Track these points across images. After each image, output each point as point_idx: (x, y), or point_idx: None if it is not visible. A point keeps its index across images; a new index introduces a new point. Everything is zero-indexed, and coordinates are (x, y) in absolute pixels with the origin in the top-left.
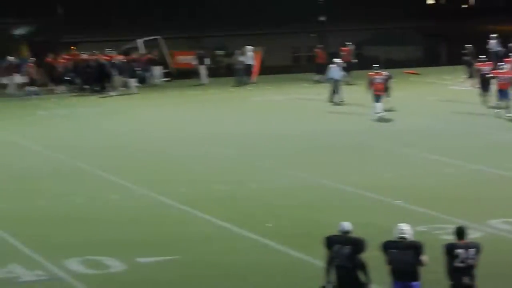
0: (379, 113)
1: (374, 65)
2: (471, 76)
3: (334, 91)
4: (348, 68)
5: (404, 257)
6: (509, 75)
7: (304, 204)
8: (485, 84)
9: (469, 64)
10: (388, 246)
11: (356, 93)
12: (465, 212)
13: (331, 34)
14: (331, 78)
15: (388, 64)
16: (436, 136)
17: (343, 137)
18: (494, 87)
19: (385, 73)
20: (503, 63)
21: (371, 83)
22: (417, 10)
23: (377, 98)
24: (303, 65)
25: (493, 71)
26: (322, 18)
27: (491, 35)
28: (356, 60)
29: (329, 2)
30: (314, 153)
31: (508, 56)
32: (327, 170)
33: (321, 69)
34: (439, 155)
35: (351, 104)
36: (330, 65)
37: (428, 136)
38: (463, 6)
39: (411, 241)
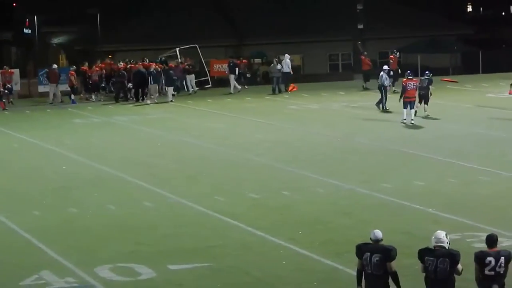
0: (405, 120)
1: (407, 72)
2: None
3: (384, 97)
4: (394, 75)
5: (440, 265)
6: None
7: (338, 211)
8: None
9: None
10: (425, 254)
11: (393, 101)
12: (498, 220)
13: (369, 42)
14: (382, 85)
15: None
16: (473, 143)
17: (378, 144)
18: None
19: (423, 77)
20: None
21: (404, 89)
22: (457, 17)
23: (407, 104)
24: (340, 73)
25: None
26: (360, 26)
27: None
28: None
29: (367, 9)
30: (348, 160)
31: None
32: (361, 177)
33: (367, 76)
34: (474, 163)
35: (391, 111)
36: (381, 72)
37: (465, 143)
38: (503, 13)
39: (448, 250)
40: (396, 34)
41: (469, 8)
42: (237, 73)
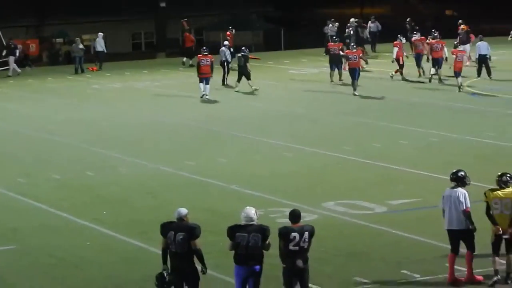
0: (204, 94)
1: (202, 48)
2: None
3: (226, 73)
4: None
5: (252, 240)
6: (359, 54)
7: (143, 191)
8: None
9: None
10: (236, 230)
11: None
12: (301, 195)
13: (173, 20)
14: (225, 61)
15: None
16: (276, 120)
17: (182, 122)
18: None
19: (239, 54)
20: (354, 44)
21: (198, 65)
22: None
23: (203, 80)
24: (142, 51)
25: (347, 51)
26: (162, 5)
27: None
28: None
29: None
30: (152, 139)
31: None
32: (165, 156)
33: (190, 52)
34: (277, 140)
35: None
36: (222, 48)
37: (268, 120)
38: None
39: (260, 225)
40: (199, 12)
41: None
42: (17, 54)
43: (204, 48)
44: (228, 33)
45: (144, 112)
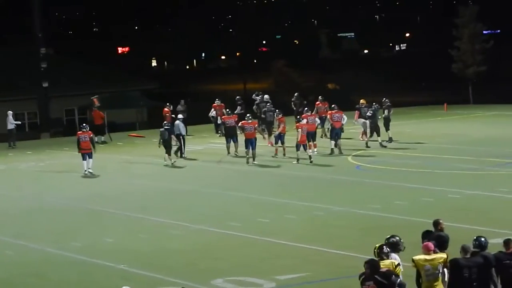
0: (88, 170)
1: (82, 126)
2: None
3: (183, 145)
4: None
5: None
6: (254, 125)
7: (28, 272)
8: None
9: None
10: None
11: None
12: (189, 273)
13: (54, 100)
14: (179, 134)
15: (112, 127)
16: (160, 197)
17: (66, 202)
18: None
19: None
20: (249, 115)
21: (78, 142)
22: (141, 73)
23: (86, 155)
24: (26, 132)
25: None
26: (45, 84)
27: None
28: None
29: (52, 69)
30: (36, 220)
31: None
32: (50, 237)
33: (101, 129)
34: (163, 217)
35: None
36: (177, 122)
37: (152, 198)
38: (187, 67)
39: None
40: (81, 91)
41: (154, 63)
42: None
43: (84, 124)
44: (165, 109)
45: (26, 193)
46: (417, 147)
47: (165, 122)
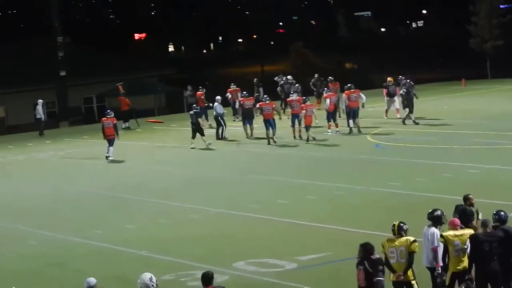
0: (108, 156)
1: (106, 111)
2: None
3: (224, 126)
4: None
5: None
6: (272, 105)
7: (51, 262)
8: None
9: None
10: None
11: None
12: (211, 257)
13: (73, 88)
14: (217, 115)
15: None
16: (181, 183)
17: (88, 191)
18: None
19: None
20: (266, 96)
21: (103, 128)
22: (159, 59)
23: (108, 142)
24: (44, 121)
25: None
26: (62, 73)
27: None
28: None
29: (68, 56)
30: (58, 210)
31: None
32: (72, 226)
33: (127, 115)
34: (183, 202)
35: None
36: (215, 103)
37: (173, 183)
38: (204, 52)
39: None
40: (99, 79)
41: (171, 48)
42: None
43: (108, 110)
44: (198, 92)
45: (47, 183)
46: (436, 123)
47: (194, 105)
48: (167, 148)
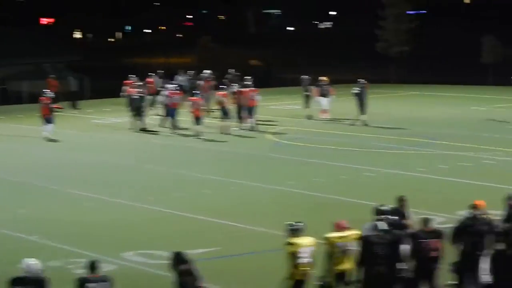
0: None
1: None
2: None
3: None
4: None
5: None
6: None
7: None
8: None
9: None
10: (15, 283)
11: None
12: (100, 245)
13: None
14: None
15: (34, 98)
16: (76, 169)
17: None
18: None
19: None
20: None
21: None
22: (64, 44)
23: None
24: None
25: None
26: None
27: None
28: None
29: None
30: None
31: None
32: None
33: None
34: (78, 189)
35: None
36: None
37: (69, 170)
38: (110, 40)
39: (37, 276)
40: (1, 61)
41: (77, 35)
42: None
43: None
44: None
45: None
46: (338, 125)
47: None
48: (64, 135)
